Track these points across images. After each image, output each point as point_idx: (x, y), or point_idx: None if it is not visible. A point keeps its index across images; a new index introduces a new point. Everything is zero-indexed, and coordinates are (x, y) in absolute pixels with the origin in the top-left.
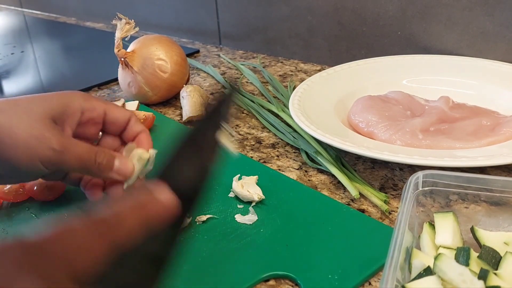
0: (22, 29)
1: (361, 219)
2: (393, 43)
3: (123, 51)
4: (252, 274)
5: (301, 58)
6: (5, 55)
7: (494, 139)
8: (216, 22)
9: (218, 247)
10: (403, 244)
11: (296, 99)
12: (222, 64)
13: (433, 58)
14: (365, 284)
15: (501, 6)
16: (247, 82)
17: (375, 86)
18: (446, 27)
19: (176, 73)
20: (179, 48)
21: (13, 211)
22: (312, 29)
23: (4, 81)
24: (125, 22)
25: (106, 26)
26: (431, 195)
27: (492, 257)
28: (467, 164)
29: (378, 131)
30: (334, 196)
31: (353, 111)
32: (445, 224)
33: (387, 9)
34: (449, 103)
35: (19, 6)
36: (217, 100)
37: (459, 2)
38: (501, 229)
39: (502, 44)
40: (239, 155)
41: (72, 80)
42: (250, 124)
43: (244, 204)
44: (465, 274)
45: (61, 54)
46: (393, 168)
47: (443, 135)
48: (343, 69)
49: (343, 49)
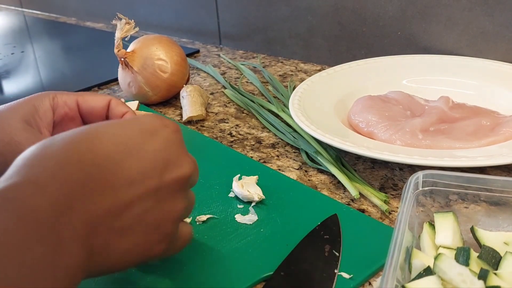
0: (22, 29)
1: (361, 219)
2: (393, 43)
3: (123, 51)
4: (252, 274)
5: (301, 58)
6: (5, 55)
7: (494, 139)
8: (216, 22)
9: (218, 247)
10: (403, 244)
11: (296, 99)
12: (222, 64)
13: (433, 58)
14: (365, 284)
15: (501, 6)
16: (247, 82)
17: (375, 86)
18: (446, 27)
19: (176, 73)
20: (179, 48)
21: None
22: (312, 29)
23: (4, 81)
24: (125, 22)
25: (106, 26)
26: (431, 195)
27: (492, 257)
28: (467, 164)
29: (378, 131)
30: (334, 196)
31: (353, 111)
32: (445, 224)
33: (387, 9)
34: (449, 103)
35: (19, 6)
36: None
37: (459, 2)
38: (501, 229)
39: (502, 44)
40: None
41: (72, 80)
42: (250, 124)
43: (244, 204)
44: (465, 274)
45: (61, 54)
46: (393, 168)
47: (443, 135)
48: (343, 69)
49: (343, 49)
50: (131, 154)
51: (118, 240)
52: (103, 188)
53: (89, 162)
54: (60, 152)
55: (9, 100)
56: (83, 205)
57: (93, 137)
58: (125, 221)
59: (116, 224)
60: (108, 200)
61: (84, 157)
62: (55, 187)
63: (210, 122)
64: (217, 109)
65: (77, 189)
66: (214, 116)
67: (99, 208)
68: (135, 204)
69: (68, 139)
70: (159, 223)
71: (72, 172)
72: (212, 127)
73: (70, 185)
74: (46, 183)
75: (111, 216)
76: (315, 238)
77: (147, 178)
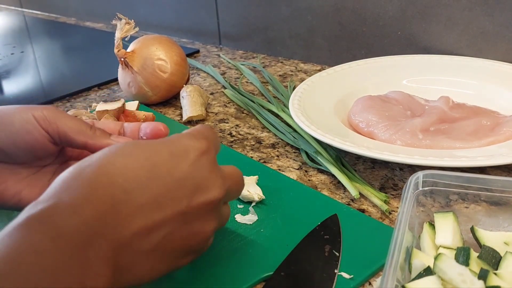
0: (22, 29)
1: (361, 219)
2: (393, 43)
3: (123, 51)
4: (252, 274)
5: (301, 58)
6: (5, 55)
7: (494, 139)
8: (216, 22)
9: (218, 247)
10: (403, 244)
11: (296, 99)
12: (222, 64)
13: (433, 58)
14: (365, 284)
15: (501, 6)
16: (247, 82)
17: (375, 86)
18: (446, 27)
19: (176, 73)
20: (179, 48)
21: (13, 211)
22: (312, 29)
23: (4, 81)
24: (125, 22)
25: (106, 26)
26: (431, 195)
27: (492, 257)
28: (467, 164)
29: (378, 131)
30: (334, 196)
31: (353, 111)
32: (445, 224)
33: (387, 9)
34: (449, 103)
35: (19, 6)
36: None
37: (459, 2)
38: (501, 229)
39: (502, 44)
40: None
41: (72, 80)
42: (250, 124)
43: (244, 204)
44: (465, 274)
45: (61, 54)
46: (393, 168)
47: (443, 135)
48: (343, 69)
49: (343, 49)
50: (159, 178)
51: (145, 260)
52: (131, 211)
53: (119, 186)
54: (92, 175)
55: (9, 100)
56: (112, 227)
57: (123, 160)
58: (152, 242)
59: (143, 246)
60: (136, 223)
61: (114, 180)
62: (87, 209)
63: (210, 122)
64: (217, 109)
65: (107, 212)
66: (214, 116)
67: (127, 230)
68: (163, 226)
69: (101, 161)
70: (187, 242)
71: (103, 195)
72: (212, 127)
73: (101, 207)
74: (80, 205)
75: (138, 238)
76: (315, 238)
77: (175, 202)
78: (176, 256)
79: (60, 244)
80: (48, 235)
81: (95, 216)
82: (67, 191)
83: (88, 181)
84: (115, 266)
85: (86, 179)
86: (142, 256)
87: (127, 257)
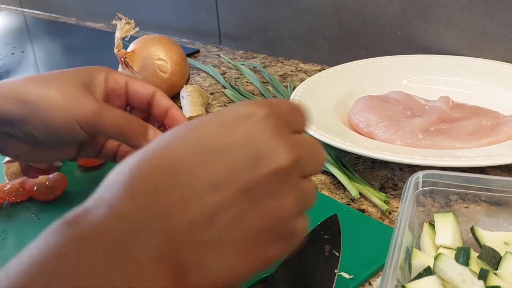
0: (22, 29)
1: (361, 219)
2: (393, 43)
3: (123, 51)
4: None
5: (301, 58)
6: (5, 55)
7: (494, 139)
8: (216, 22)
9: None
10: (403, 244)
11: (296, 99)
12: (222, 64)
13: (433, 58)
14: (365, 284)
15: (501, 6)
16: (247, 82)
17: (375, 86)
18: (446, 27)
19: (176, 73)
20: (179, 48)
21: (13, 211)
22: (312, 29)
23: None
24: (125, 22)
25: (106, 26)
26: (431, 195)
27: (492, 257)
28: (467, 164)
29: (378, 131)
30: (334, 196)
31: (353, 111)
32: (445, 224)
33: (387, 9)
34: (449, 103)
35: (19, 6)
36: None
37: (459, 2)
38: (501, 229)
39: (502, 44)
40: None
41: None
42: None
43: None
44: (465, 274)
45: (61, 54)
46: (393, 168)
47: (443, 135)
48: (343, 69)
49: (343, 49)
50: (211, 153)
51: (214, 253)
52: (182, 198)
53: (163, 170)
54: (133, 165)
55: None
56: (160, 220)
57: (166, 143)
58: (216, 232)
59: (206, 235)
60: (190, 210)
61: (156, 166)
62: (125, 204)
63: None
64: (217, 109)
65: (151, 204)
66: None
67: (180, 221)
68: (226, 209)
69: (142, 152)
70: (263, 225)
71: (143, 185)
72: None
73: (142, 200)
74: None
75: (196, 228)
76: (315, 238)
77: (234, 178)
78: (255, 246)
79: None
80: (75, 238)
81: (135, 210)
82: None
83: (128, 171)
84: (174, 267)
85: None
86: (208, 249)
87: (188, 254)
